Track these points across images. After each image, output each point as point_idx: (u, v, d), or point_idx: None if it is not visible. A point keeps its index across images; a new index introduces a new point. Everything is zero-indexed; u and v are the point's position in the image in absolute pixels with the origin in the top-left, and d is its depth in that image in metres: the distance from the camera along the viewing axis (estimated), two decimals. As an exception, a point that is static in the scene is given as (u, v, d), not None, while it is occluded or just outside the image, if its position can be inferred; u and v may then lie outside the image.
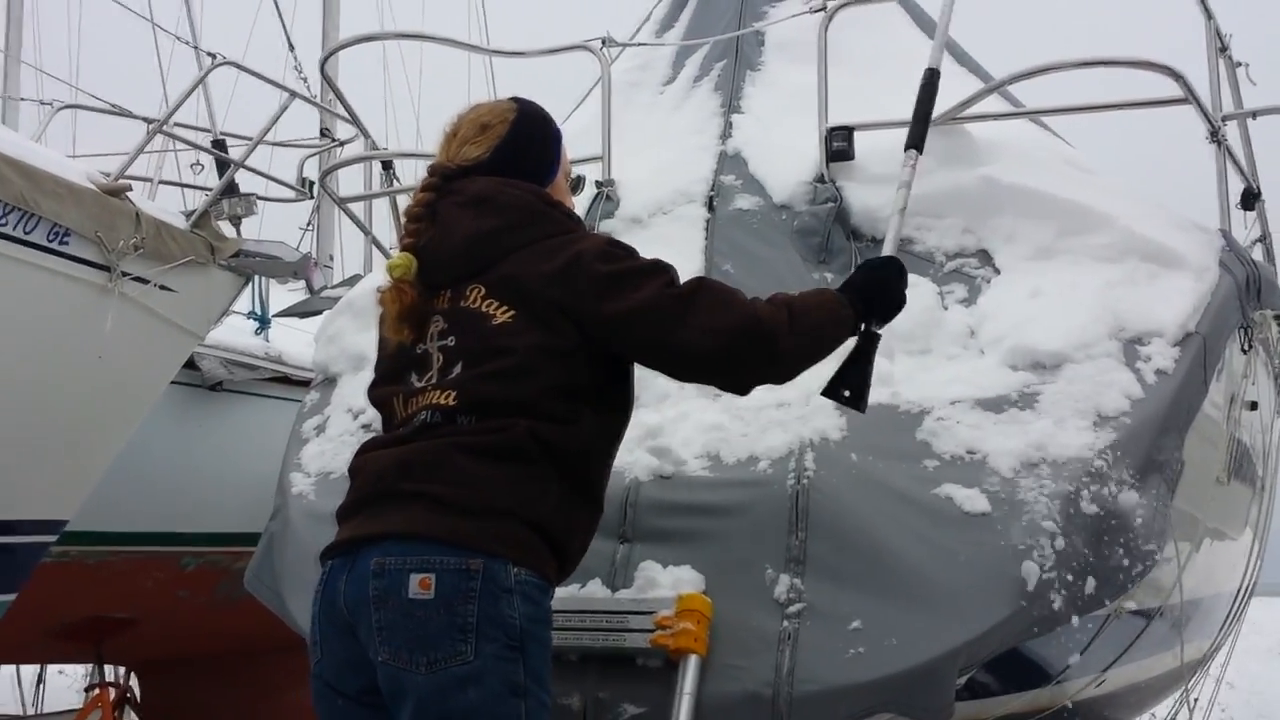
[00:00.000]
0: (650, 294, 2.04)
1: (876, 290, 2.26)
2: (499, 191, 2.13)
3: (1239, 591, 4.53)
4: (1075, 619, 2.42)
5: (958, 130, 3.50)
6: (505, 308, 2.03)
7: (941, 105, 3.23)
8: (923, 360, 3.09)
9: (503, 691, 1.85)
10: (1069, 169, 3.56)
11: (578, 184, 3.48)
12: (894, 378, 2.93)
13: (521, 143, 2.22)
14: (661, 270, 2.11)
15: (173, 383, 5.02)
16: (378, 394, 2.17)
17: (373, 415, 2.84)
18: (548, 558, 1.99)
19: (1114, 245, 3.15)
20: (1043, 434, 2.64)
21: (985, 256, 3.35)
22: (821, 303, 2.19)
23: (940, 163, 3.47)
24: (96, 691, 5.65)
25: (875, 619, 2.39)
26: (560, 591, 2.50)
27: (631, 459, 2.81)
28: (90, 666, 6.16)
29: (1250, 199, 3.92)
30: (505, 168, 2.18)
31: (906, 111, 3.52)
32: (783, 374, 2.16)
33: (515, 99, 2.30)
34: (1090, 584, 2.42)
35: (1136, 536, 2.47)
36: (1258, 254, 4.17)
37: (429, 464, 1.95)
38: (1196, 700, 4.67)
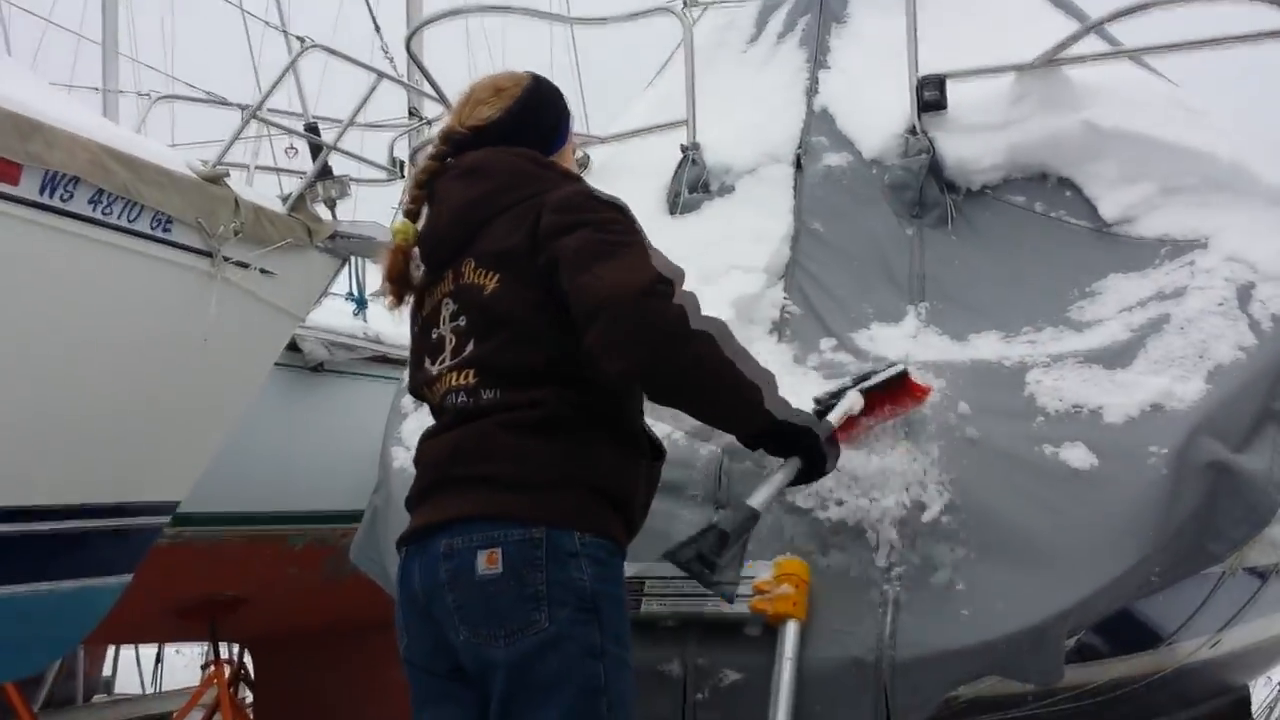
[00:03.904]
0: (583, 236, 1.91)
1: (805, 440, 2.12)
2: (492, 158, 2.12)
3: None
4: (1189, 576, 2.33)
5: (1054, 74, 3.37)
6: (493, 274, 2.01)
7: (1037, 47, 3.11)
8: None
9: (581, 654, 1.86)
10: (1175, 109, 3.40)
11: (583, 164, 3.45)
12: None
13: (533, 106, 2.21)
14: (613, 226, 1.95)
15: (276, 365, 5.12)
16: (411, 384, 2.20)
17: None
18: (612, 518, 1.98)
19: (1225, 187, 3.00)
20: (1153, 386, 2.54)
21: (1088, 206, 3.22)
22: (765, 377, 2.04)
23: (1038, 108, 3.36)
24: (212, 669, 5.84)
25: (981, 581, 2.32)
26: (657, 560, 2.50)
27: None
28: (205, 645, 6.37)
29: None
30: (514, 131, 2.16)
31: (1001, 59, 3.42)
32: (669, 376, 1.90)
33: (531, 72, 2.29)
34: (1205, 539, 2.32)
35: (1253, 489, 2.36)
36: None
37: (476, 448, 1.96)
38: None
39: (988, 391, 2.70)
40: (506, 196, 2.07)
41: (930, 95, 3.49)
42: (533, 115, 2.20)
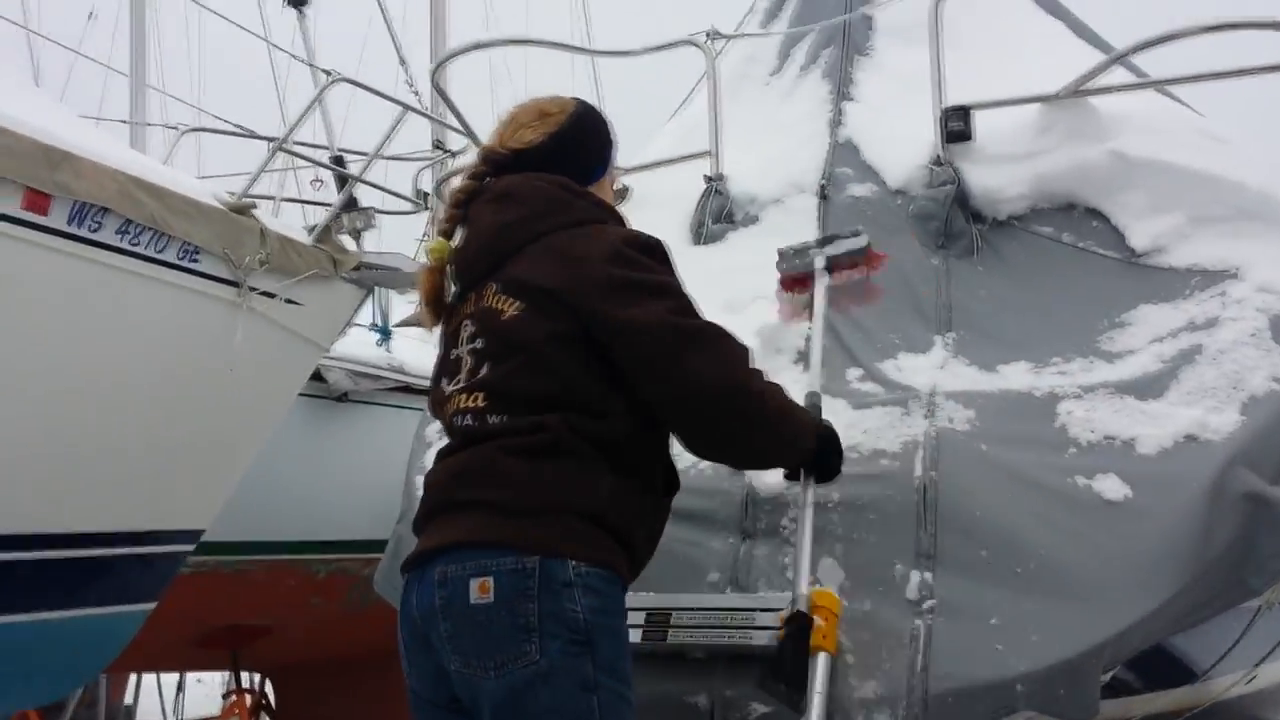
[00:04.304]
0: (655, 314, 1.95)
1: (830, 449, 2.33)
2: (524, 184, 2.11)
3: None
4: (1226, 610, 2.29)
5: (1081, 104, 3.36)
6: (514, 301, 2.00)
7: (1061, 77, 3.10)
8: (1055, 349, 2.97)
9: (573, 688, 1.81)
10: (1201, 139, 3.38)
11: (623, 194, 3.47)
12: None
13: (577, 135, 2.19)
14: (670, 292, 2.01)
15: (301, 394, 5.13)
16: (430, 403, 2.19)
17: None
18: (611, 548, 1.94)
19: (1255, 216, 2.98)
20: (1188, 417, 2.51)
21: (1117, 235, 3.20)
22: (799, 412, 2.23)
23: (1065, 138, 3.35)
24: (234, 698, 5.82)
25: (1013, 614, 2.29)
26: (683, 590, 2.47)
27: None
28: (227, 674, 6.36)
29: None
30: (556, 157, 2.14)
31: (1025, 89, 3.41)
32: (752, 443, 2.09)
33: (578, 98, 2.28)
34: (1243, 572, 2.28)
35: (1292, 522, 2.32)
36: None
37: (479, 471, 1.94)
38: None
39: (1018, 422, 2.67)
40: (539, 224, 2.06)
41: (955, 126, 3.48)
42: (575, 143, 2.18)
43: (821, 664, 2.30)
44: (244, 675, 6.01)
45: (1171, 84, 3.73)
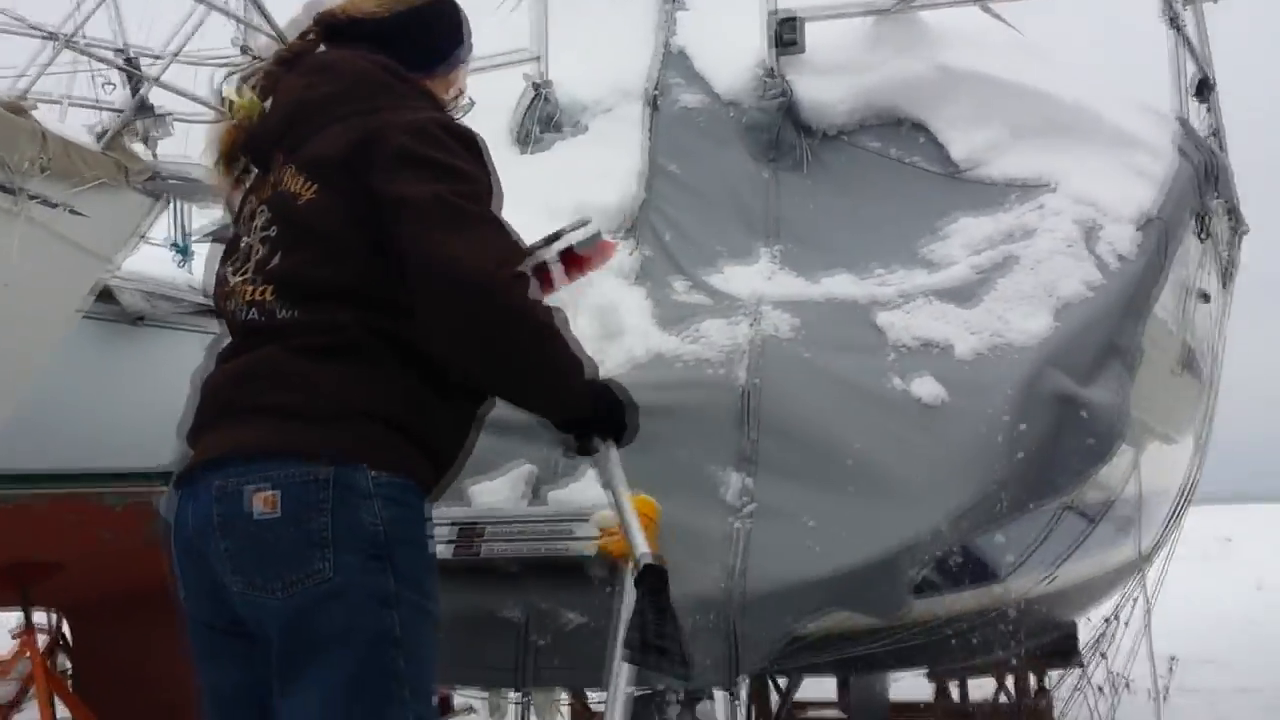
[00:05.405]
0: (429, 189, 1.71)
1: (619, 402, 1.91)
2: (343, 60, 1.90)
3: (1182, 491, 4.51)
4: (1036, 508, 2.33)
5: (910, 18, 3.36)
6: (311, 184, 1.79)
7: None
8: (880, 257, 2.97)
9: (370, 604, 1.64)
10: (1021, 54, 3.43)
11: (466, 108, 3.25)
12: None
13: (424, 18, 1.97)
14: (463, 178, 1.75)
15: (93, 317, 4.77)
16: (213, 298, 1.93)
17: None
18: (412, 456, 1.76)
19: (1069, 129, 3.03)
20: (1003, 322, 2.54)
21: (940, 150, 3.22)
22: (580, 350, 1.85)
23: (893, 52, 3.34)
24: (24, 637, 5.44)
25: (829, 515, 2.27)
26: (497, 500, 2.35)
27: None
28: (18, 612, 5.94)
29: (1205, 89, 3.82)
30: (394, 36, 1.93)
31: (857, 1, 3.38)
32: (509, 360, 1.74)
33: None
34: (1051, 471, 2.32)
35: (1097, 421, 2.37)
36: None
37: (264, 374, 1.73)
38: (1137, 599, 4.67)
39: (840, 329, 2.66)
40: (347, 105, 1.83)
41: (786, 36, 3.43)
42: (420, 25, 1.96)
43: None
44: (41, 614, 5.60)
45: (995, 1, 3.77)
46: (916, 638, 2.63)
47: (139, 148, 4.65)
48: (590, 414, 1.87)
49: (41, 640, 5.65)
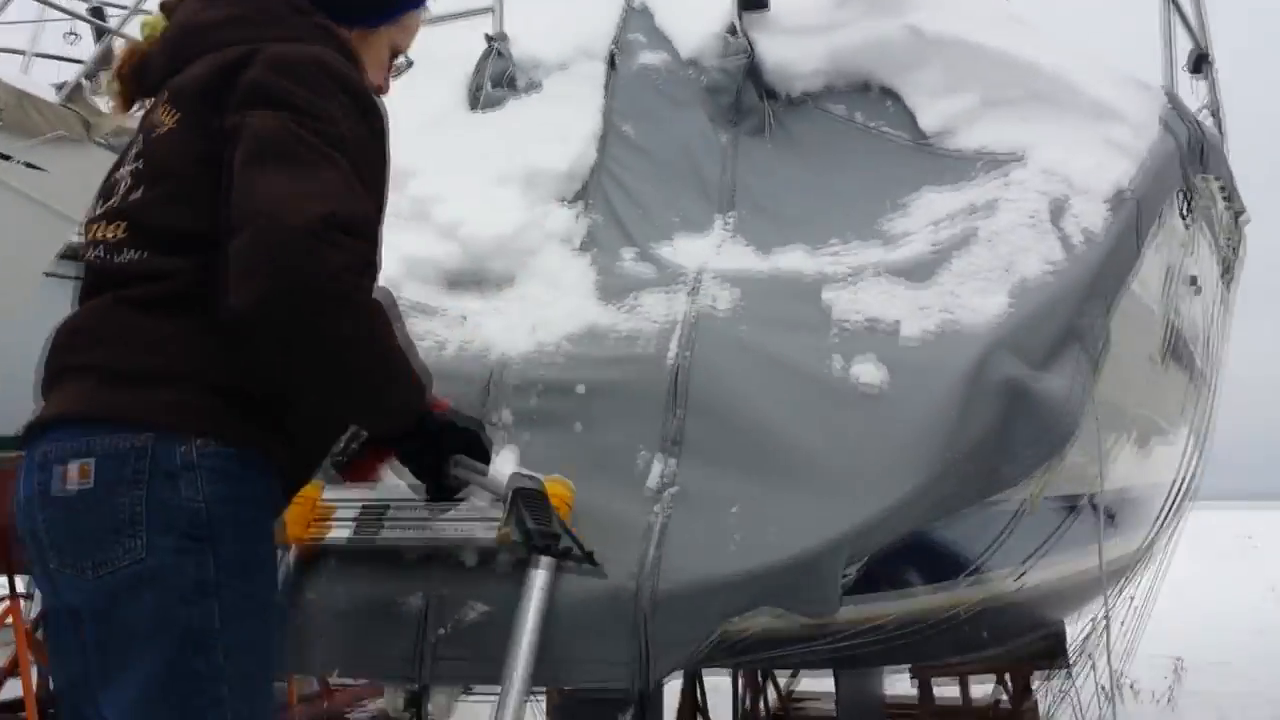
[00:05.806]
0: (262, 120, 1.54)
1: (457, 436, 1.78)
2: None
3: (1173, 489, 4.31)
4: (982, 501, 2.16)
5: (881, -25, 3.15)
6: (175, 113, 1.64)
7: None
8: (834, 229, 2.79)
9: (186, 591, 1.50)
10: (1000, 20, 3.22)
11: (400, 68, 3.03)
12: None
13: None
14: (313, 117, 1.57)
15: (51, 275, 4.65)
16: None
17: None
18: (247, 424, 1.59)
19: (1046, 100, 2.84)
20: (954, 301, 2.36)
21: (909, 117, 3.03)
22: (415, 366, 1.69)
23: (863, 11, 3.15)
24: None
25: (755, 505, 2.11)
26: (399, 482, 2.21)
27: (496, 332, 2.51)
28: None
29: (1200, 63, 3.60)
30: None
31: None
32: (317, 339, 1.49)
33: None
34: (998, 461, 2.14)
35: (1049, 410, 2.18)
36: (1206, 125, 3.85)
37: (95, 328, 1.59)
38: (1132, 601, 4.50)
39: (783, 304, 2.49)
40: (232, 32, 1.68)
41: (752, -7, 3.25)
42: None
43: (544, 560, 2.07)
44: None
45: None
46: (863, 639, 2.48)
47: (103, 102, 4.52)
48: (415, 426, 1.68)
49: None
